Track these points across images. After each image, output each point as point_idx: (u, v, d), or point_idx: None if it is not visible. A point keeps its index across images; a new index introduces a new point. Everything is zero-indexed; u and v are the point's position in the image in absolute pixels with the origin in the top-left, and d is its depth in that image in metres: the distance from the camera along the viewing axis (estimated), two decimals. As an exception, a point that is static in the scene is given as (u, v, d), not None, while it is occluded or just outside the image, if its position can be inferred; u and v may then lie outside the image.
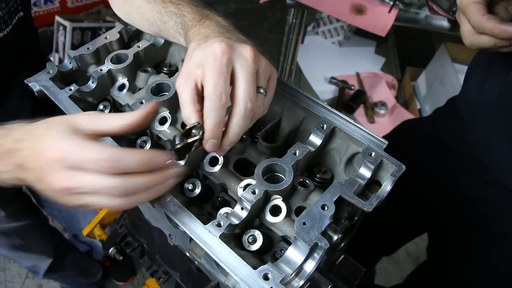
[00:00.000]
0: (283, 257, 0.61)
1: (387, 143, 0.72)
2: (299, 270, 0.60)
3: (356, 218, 0.77)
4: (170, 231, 0.81)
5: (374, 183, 0.73)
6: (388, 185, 0.69)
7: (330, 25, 2.84)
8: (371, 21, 1.73)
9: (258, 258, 0.66)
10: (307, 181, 0.72)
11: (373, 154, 0.70)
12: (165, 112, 0.81)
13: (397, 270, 2.31)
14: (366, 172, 0.70)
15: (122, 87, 0.87)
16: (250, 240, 0.66)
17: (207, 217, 0.72)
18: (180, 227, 0.64)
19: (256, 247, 0.66)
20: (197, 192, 0.73)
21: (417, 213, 1.35)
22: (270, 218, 0.67)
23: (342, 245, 0.82)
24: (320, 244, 0.59)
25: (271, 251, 0.69)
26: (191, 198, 0.73)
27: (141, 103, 0.78)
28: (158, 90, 0.82)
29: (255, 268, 0.58)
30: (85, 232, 1.27)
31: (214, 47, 0.60)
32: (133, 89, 0.87)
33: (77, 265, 1.90)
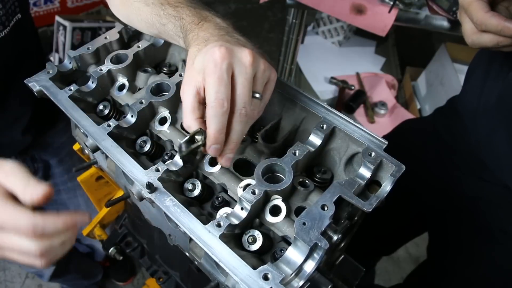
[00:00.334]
0: (283, 257, 0.61)
1: (387, 143, 0.72)
2: (299, 270, 0.60)
3: (356, 218, 0.77)
4: (170, 231, 0.81)
5: (374, 183, 0.73)
6: (388, 185, 0.69)
7: (330, 25, 2.84)
8: (371, 21, 1.73)
9: (258, 258, 0.66)
10: (307, 181, 0.72)
11: (373, 154, 0.70)
12: (165, 112, 0.81)
13: (397, 270, 2.31)
14: (366, 172, 0.70)
15: (122, 87, 0.87)
16: (250, 240, 0.66)
17: (207, 217, 0.72)
18: (180, 227, 0.64)
19: (256, 247, 0.66)
20: (197, 192, 0.73)
21: (417, 212, 1.35)
22: (270, 218, 0.67)
23: (342, 245, 0.82)
24: (320, 244, 0.59)
25: (271, 251, 0.68)
26: (191, 198, 0.73)
27: (141, 103, 0.78)
28: (158, 90, 0.82)
29: (255, 268, 0.58)
30: (85, 232, 1.27)
31: (213, 52, 0.61)
32: (133, 89, 0.87)
33: (80, 268, 1.91)
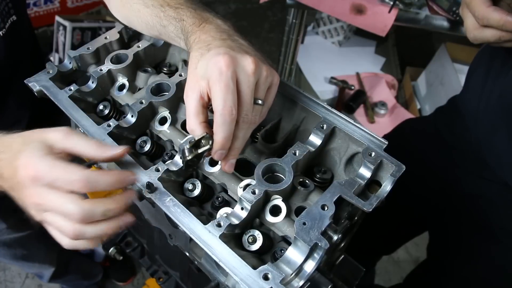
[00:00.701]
0: (283, 257, 0.61)
1: (387, 143, 0.72)
2: (299, 270, 0.60)
3: (356, 218, 0.77)
4: (170, 231, 0.81)
5: (374, 183, 0.73)
6: (388, 185, 0.69)
7: (330, 25, 2.84)
8: (371, 21, 1.73)
9: (258, 258, 0.66)
10: (307, 181, 0.72)
11: (373, 154, 0.70)
12: (165, 112, 0.81)
13: (397, 270, 2.30)
14: (366, 172, 0.70)
15: (122, 87, 0.87)
16: (250, 240, 0.66)
17: (207, 217, 0.72)
18: (180, 227, 0.64)
19: (256, 247, 0.66)
20: (197, 192, 0.73)
21: (417, 212, 1.35)
22: (270, 218, 0.67)
23: (342, 245, 0.82)
24: (320, 244, 0.59)
25: (271, 251, 0.68)
26: (191, 198, 0.73)
27: (141, 103, 0.78)
28: (158, 90, 0.82)
29: (255, 268, 0.58)
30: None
31: (218, 60, 0.61)
32: (133, 89, 0.87)
33: (80, 269, 1.91)
